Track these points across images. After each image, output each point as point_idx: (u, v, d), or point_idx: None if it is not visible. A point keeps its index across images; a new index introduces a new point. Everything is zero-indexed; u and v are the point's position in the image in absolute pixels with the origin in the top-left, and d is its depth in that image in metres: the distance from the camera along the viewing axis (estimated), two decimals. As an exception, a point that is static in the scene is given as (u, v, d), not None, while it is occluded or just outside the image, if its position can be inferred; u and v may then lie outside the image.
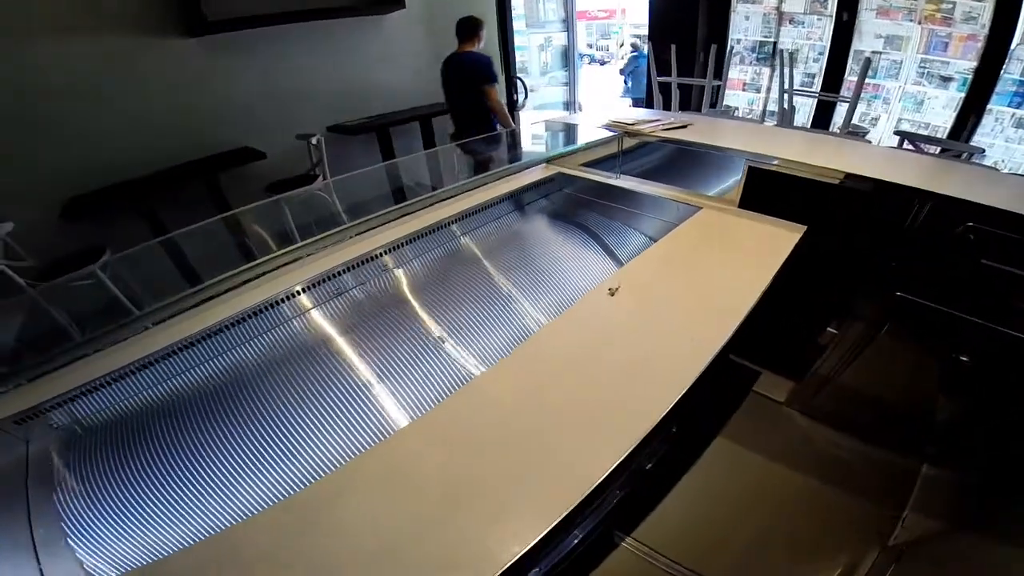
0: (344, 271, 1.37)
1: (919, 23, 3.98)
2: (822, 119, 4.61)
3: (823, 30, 4.47)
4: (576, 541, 1.22)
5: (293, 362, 1.22)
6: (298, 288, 1.28)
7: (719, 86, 3.79)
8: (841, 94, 4.09)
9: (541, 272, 1.61)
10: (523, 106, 5.20)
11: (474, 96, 3.07)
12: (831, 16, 4.35)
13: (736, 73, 5.12)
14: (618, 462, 0.71)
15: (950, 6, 3.83)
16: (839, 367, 1.78)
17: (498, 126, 3.18)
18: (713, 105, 3.83)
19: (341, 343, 1.28)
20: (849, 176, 1.47)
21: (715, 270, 1.26)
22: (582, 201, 2.13)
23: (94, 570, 0.79)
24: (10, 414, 0.92)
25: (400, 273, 1.52)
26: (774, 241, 1.37)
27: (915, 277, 1.55)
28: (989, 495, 1.52)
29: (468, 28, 3.03)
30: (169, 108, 3.21)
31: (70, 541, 0.82)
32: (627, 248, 1.84)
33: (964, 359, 1.57)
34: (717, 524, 1.44)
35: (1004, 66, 3.67)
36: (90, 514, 0.88)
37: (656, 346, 0.97)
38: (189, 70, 3.24)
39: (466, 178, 1.99)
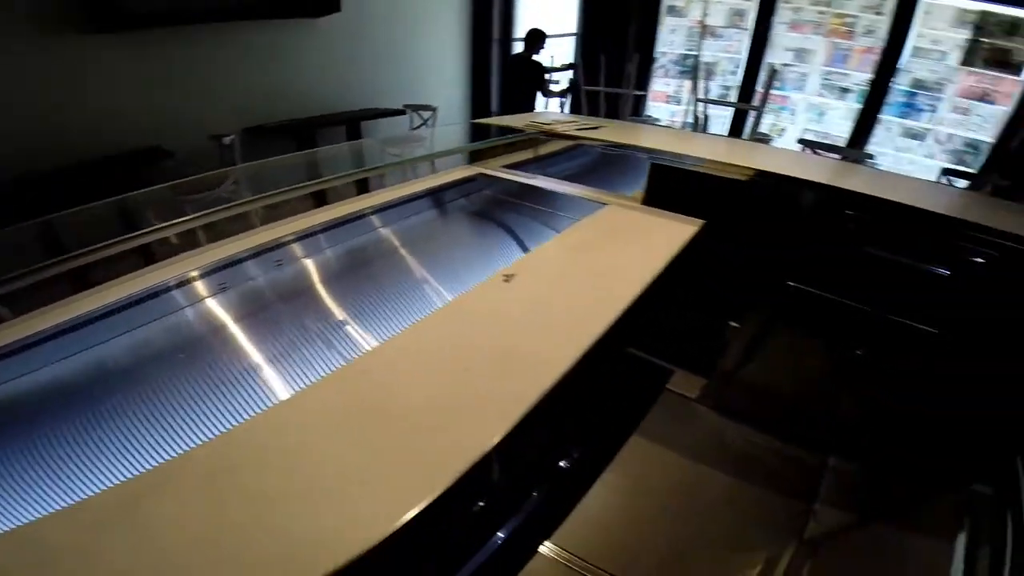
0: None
1: (825, 36, 4.26)
2: (737, 130, 4.82)
3: (741, 43, 4.69)
4: (497, 546, 1.21)
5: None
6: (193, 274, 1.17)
7: (642, 96, 3.91)
8: (752, 104, 4.32)
9: (447, 263, 1.61)
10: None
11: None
12: (749, 30, 4.58)
13: (661, 86, 5.31)
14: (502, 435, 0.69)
15: (853, 19, 4.14)
16: (743, 362, 1.82)
17: None
18: (636, 115, 3.95)
19: (233, 329, 1.20)
20: (760, 173, 1.51)
21: (609, 260, 1.25)
22: (499, 200, 2.10)
23: None
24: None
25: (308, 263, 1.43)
26: (671, 234, 1.38)
27: (805, 265, 1.61)
28: (893, 484, 1.58)
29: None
30: (73, 105, 2.99)
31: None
32: (536, 242, 1.83)
33: (859, 352, 1.64)
34: (636, 525, 1.42)
35: (893, 78, 4.00)
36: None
37: (542, 331, 0.96)
38: (99, 66, 3.03)
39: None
